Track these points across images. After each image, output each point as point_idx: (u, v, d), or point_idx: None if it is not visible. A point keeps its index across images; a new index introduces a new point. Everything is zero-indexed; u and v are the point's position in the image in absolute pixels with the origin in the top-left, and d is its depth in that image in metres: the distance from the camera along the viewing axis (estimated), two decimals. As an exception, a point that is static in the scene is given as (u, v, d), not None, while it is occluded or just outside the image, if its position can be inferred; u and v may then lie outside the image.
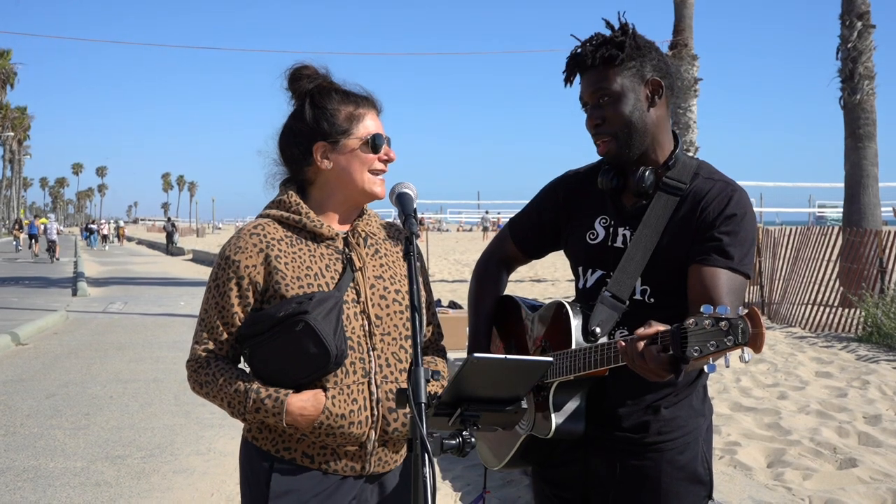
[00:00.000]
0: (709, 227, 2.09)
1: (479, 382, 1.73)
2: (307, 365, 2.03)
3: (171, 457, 6.16)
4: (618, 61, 2.13)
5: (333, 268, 2.14)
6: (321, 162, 2.15)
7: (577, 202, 2.33)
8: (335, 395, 2.07)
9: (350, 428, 2.08)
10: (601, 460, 2.23)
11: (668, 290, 2.15)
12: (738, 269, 2.06)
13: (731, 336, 1.62)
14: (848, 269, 11.12)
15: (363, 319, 2.13)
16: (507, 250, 2.51)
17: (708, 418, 2.30)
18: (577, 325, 2.14)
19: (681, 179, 2.17)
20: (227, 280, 2.09)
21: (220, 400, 2.08)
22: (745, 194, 2.16)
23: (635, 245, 2.16)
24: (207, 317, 2.12)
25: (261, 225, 2.15)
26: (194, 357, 2.13)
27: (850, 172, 13.50)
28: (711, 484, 2.27)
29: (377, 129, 2.18)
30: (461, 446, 1.74)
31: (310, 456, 2.11)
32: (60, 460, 6.05)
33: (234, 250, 2.11)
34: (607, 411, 2.20)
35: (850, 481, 4.90)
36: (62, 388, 8.65)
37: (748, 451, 5.45)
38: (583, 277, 2.29)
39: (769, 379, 7.77)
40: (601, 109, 2.15)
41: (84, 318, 14.72)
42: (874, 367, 8.21)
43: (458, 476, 5.37)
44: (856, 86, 13.43)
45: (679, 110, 16.81)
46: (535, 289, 17.25)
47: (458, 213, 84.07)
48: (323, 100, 2.16)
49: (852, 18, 13.60)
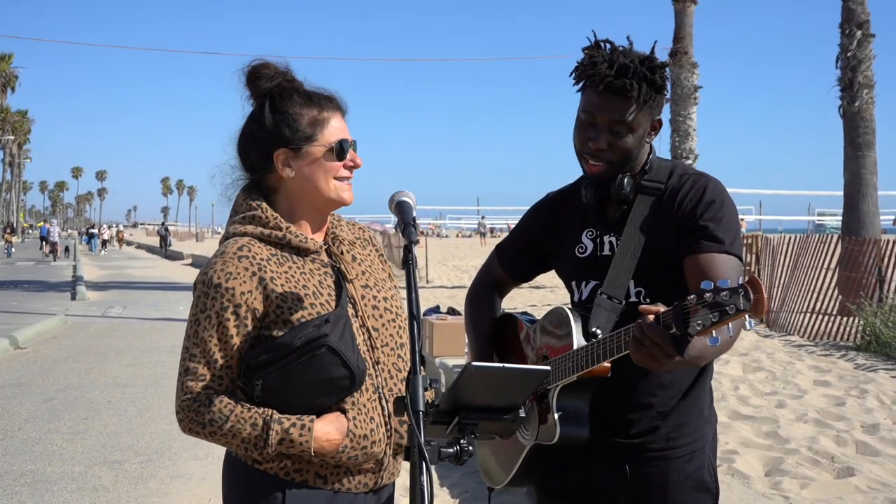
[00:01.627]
0: (690, 218, 2.12)
1: (477, 391, 1.72)
2: (331, 389, 1.93)
3: (168, 462, 6.15)
4: (644, 97, 2.12)
5: (327, 283, 2.03)
6: (283, 170, 2.02)
7: (561, 221, 2.36)
8: (355, 416, 1.97)
9: (372, 447, 1.99)
10: (608, 468, 2.22)
11: (662, 288, 2.16)
12: (731, 251, 2.08)
13: (732, 304, 1.61)
14: (847, 277, 11.12)
15: (364, 334, 2.04)
16: (496, 275, 2.55)
17: (714, 426, 2.30)
18: (578, 327, 2.15)
19: (658, 179, 2.22)
20: (221, 310, 1.92)
21: (229, 438, 1.91)
22: (720, 183, 2.19)
23: (623, 247, 2.18)
24: (200, 350, 1.93)
25: (245, 245, 1.98)
26: (190, 395, 1.92)
27: (850, 181, 13.50)
28: (718, 492, 2.26)
29: (343, 134, 2.04)
30: (459, 454, 1.73)
31: (322, 476, 1.99)
32: (58, 465, 6.05)
33: (224, 276, 1.93)
34: (614, 418, 2.19)
35: (848, 490, 4.90)
36: (61, 392, 8.65)
37: (746, 460, 5.45)
38: (577, 291, 2.30)
39: (767, 387, 7.76)
40: (610, 136, 2.15)
41: (83, 323, 14.72)
42: (872, 375, 8.20)
43: (456, 483, 5.36)
44: (855, 94, 13.44)
45: (679, 118, 16.82)
46: (533, 295, 17.23)
47: (457, 218, 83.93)
48: (284, 103, 2.01)
49: (852, 27, 13.61)
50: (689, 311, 1.67)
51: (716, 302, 1.63)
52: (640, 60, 2.15)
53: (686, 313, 1.68)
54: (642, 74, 2.13)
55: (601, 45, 2.21)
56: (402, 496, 4.77)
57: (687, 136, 16.68)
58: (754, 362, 8.80)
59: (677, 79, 16.89)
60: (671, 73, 17.39)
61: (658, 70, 2.15)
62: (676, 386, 2.20)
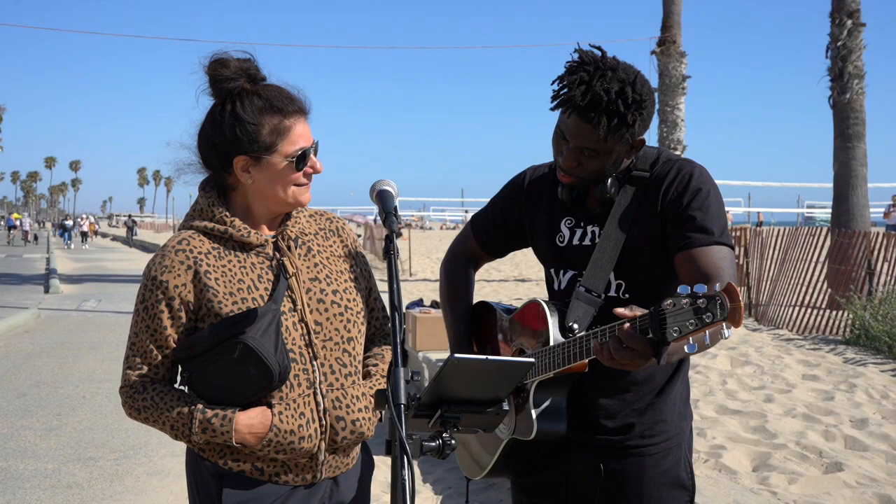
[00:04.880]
0: (675, 207, 2.10)
1: (460, 383, 1.73)
2: (250, 385, 1.97)
3: (145, 458, 6.08)
4: (613, 127, 2.06)
5: (266, 277, 2.04)
6: (242, 175, 2.03)
7: (540, 203, 2.33)
8: (282, 411, 2.01)
9: (300, 443, 2.03)
10: (584, 465, 2.22)
11: (642, 284, 2.15)
12: (723, 241, 2.06)
13: (709, 312, 1.59)
14: (836, 270, 11.09)
15: (302, 328, 2.05)
16: (471, 248, 2.52)
17: (690, 422, 2.30)
18: (554, 322, 2.13)
19: (643, 168, 2.19)
20: (156, 302, 2.00)
21: (161, 424, 2.01)
22: (705, 170, 2.16)
23: (605, 239, 2.16)
24: (139, 340, 2.03)
25: (185, 239, 2.04)
26: (128, 383, 2.05)
27: (839, 173, 13.46)
28: (694, 489, 2.27)
29: (305, 142, 2.02)
30: (441, 448, 1.73)
31: (259, 469, 2.05)
32: (31, 462, 5.97)
33: (160, 270, 2.00)
34: (589, 414, 2.19)
35: (836, 485, 4.88)
36: (33, 387, 8.52)
37: (733, 455, 5.43)
38: (556, 279, 2.28)
39: (755, 382, 7.75)
40: (581, 156, 2.12)
41: (56, 316, 14.44)
42: (861, 370, 8.20)
43: (440, 479, 5.32)
44: (845, 85, 13.38)
45: (667, 108, 16.80)
46: (519, 288, 17.19)
47: (441, 210, 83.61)
48: (244, 109, 1.98)
49: (842, 16, 13.53)
50: (665, 316, 1.66)
51: (693, 308, 1.62)
52: (616, 91, 2.05)
53: (663, 319, 1.66)
54: (613, 109, 2.04)
55: (584, 60, 2.10)
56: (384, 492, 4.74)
57: (675, 127, 16.68)
58: (742, 356, 8.79)
59: (665, 68, 16.86)
60: (659, 62, 17.59)
61: (633, 106, 2.06)
62: (652, 382, 2.20)
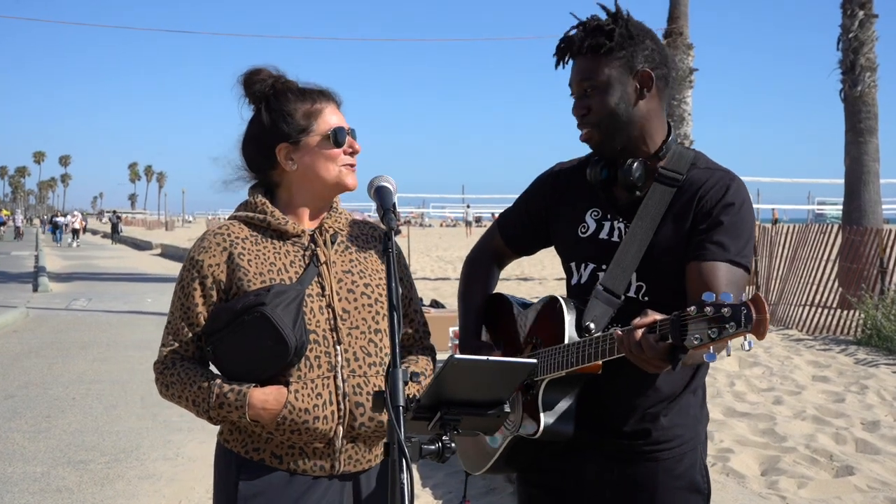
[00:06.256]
0: (706, 218, 2.07)
1: (459, 385, 1.72)
2: (267, 358, 2.04)
3: (136, 462, 6.02)
4: (605, 50, 2.10)
5: (298, 263, 2.16)
6: (285, 163, 2.18)
7: (566, 195, 2.31)
8: (298, 390, 2.07)
9: (315, 423, 2.07)
10: (595, 468, 2.19)
11: (664, 287, 2.11)
12: (737, 261, 2.03)
13: (732, 322, 1.59)
14: (847, 269, 10.97)
15: (329, 313, 2.13)
16: (496, 246, 2.49)
17: (705, 425, 2.28)
18: (571, 320, 2.11)
19: (677, 170, 2.15)
20: (191, 280, 2.14)
21: (185, 400, 2.11)
22: (743, 184, 2.15)
23: (631, 238, 2.12)
24: (173, 318, 2.17)
25: (226, 226, 2.20)
26: (161, 359, 2.17)
27: (851, 168, 13.29)
28: (709, 492, 2.24)
29: (338, 123, 2.19)
30: (441, 452, 1.72)
31: (278, 456, 2.11)
32: (19, 465, 5.91)
33: (198, 251, 2.16)
34: (604, 417, 2.16)
35: (847, 490, 4.85)
36: (22, 388, 8.46)
37: (741, 459, 5.40)
38: (576, 273, 2.24)
39: (764, 383, 7.73)
40: (587, 99, 2.14)
41: (45, 316, 14.34)
42: (873, 371, 8.17)
43: (439, 484, 5.27)
44: (857, 78, 13.20)
45: (674, 102, 16.62)
46: (521, 287, 17.20)
47: (441, 207, 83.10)
48: (279, 101, 2.19)
49: (854, 7, 13.37)
50: (687, 323, 1.65)
51: (716, 317, 1.60)
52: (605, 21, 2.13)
53: (684, 325, 1.65)
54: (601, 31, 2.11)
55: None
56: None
57: (682, 121, 16.50)
58: (751, 357, 8.76)
59: (673, 61, 16.69)
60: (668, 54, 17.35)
61: (621, 24, 2.12)
62: (668, 386, 2.16)
